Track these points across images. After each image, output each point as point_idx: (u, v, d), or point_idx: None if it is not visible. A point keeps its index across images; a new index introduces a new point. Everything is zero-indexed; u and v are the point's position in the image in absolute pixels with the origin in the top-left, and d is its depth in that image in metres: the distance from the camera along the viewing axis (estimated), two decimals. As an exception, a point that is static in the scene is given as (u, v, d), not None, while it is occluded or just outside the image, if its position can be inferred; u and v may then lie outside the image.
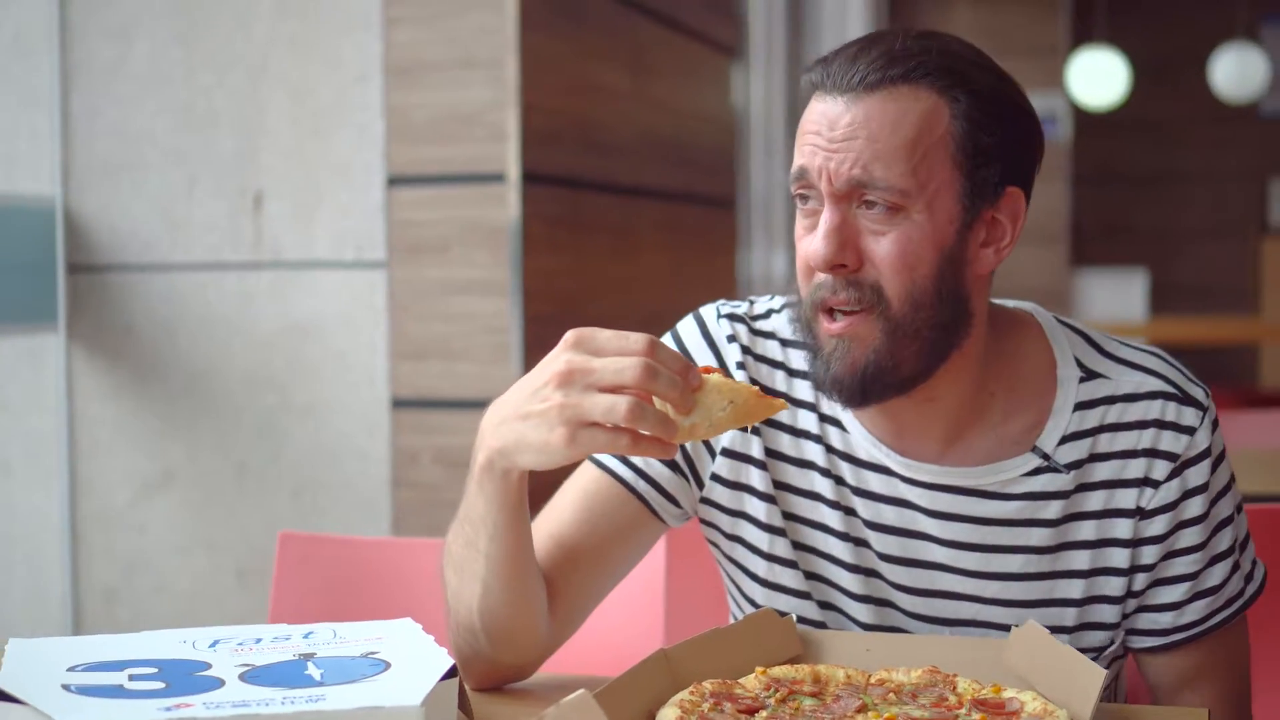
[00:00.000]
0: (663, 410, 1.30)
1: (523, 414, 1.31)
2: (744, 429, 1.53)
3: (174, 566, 3.10)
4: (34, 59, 3.13)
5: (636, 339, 1.29)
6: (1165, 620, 1.50)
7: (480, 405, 2.86)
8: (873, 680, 1.38)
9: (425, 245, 2.95)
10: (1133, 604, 1.50)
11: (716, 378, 1.33)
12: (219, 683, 1.25)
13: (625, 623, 1.90)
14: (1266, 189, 9.14)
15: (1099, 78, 7.93)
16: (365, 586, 2.03)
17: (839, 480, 1.53)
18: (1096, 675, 1.25)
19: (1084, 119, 8.94)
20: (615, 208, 3.40)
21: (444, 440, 2.94)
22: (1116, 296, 8.52)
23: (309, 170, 3.01)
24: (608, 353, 1.29)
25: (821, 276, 1.43)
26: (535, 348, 2.93)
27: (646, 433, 1.28)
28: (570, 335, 1.31)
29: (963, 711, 1.29)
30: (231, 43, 3.05)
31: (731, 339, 1.57)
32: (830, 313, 1.43)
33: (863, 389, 1.43)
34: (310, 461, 3.02)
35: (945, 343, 1.44)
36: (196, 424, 3.09)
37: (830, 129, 1.41)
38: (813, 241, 1.42)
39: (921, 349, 1.43)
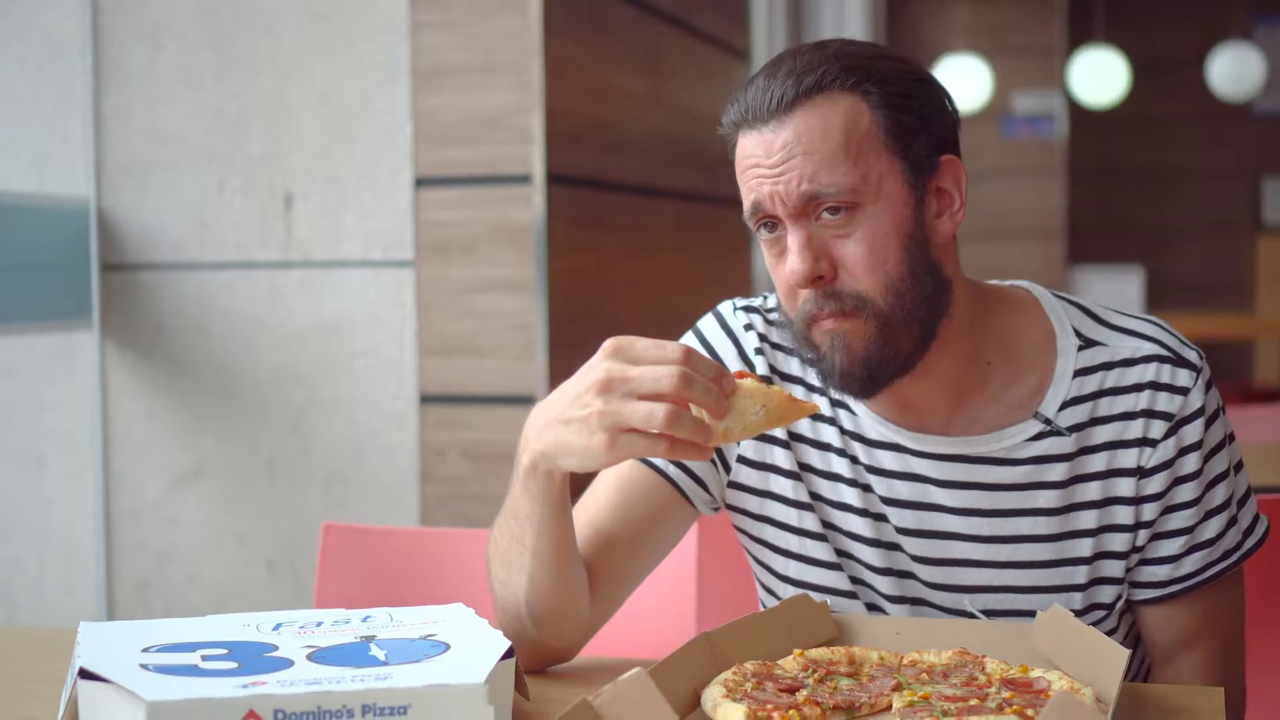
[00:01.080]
0: (698, 415, 1.35)
1: (564, 419, 1.36)
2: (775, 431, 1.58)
3: (205, 558, 3.12)
4: (67, 62, 3.15)
5: (673, 348, 1.34)
6: (1162, 573, 1.55)
7: (506, 401, 2.94)
8: (905, 661, 1.43)
9: (452, 244, 2.97)
10: (1135, 558, 1.55)
11: (750, 383, 1.38)
12: (289, 663, 1.30)
13: (659, 608, 1.96)
14: (1261, 187, 9.15)
15: (1098, 77, 7.96)
16: (406, 574, 2.08)
17: (854, 460, 1.59)
18: (1120, 656, 1.30)
19: (1080, 117, 8.94)
20: (633, 208, 3.43)
21: (470, 435, 2.97)
22: (1113, 293, 8.53)
23: (337, 171, 3.03)
24: (645, 361, 1.34)
25: (804, 293, 1.48)
26: (559, 344, 2.96)
27: (683, 437, 1.33)
28: (609, 344, 1.36)
29: (992, 690, 1.33)
30: (261, 46, 3.07)
31: (749, 328, 1.63)
32: (819, 321, 1.49)
33: (870, 378, 1.49)
34: (339, 455, 3.04)
35: (932, 315, 1.50)
36: (227, 419, 3.11)
37: (767, 156, 1.46)
38: (787, 263, 1.47)
39: (913, 329, 1.49)
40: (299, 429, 3.07)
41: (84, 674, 1.25)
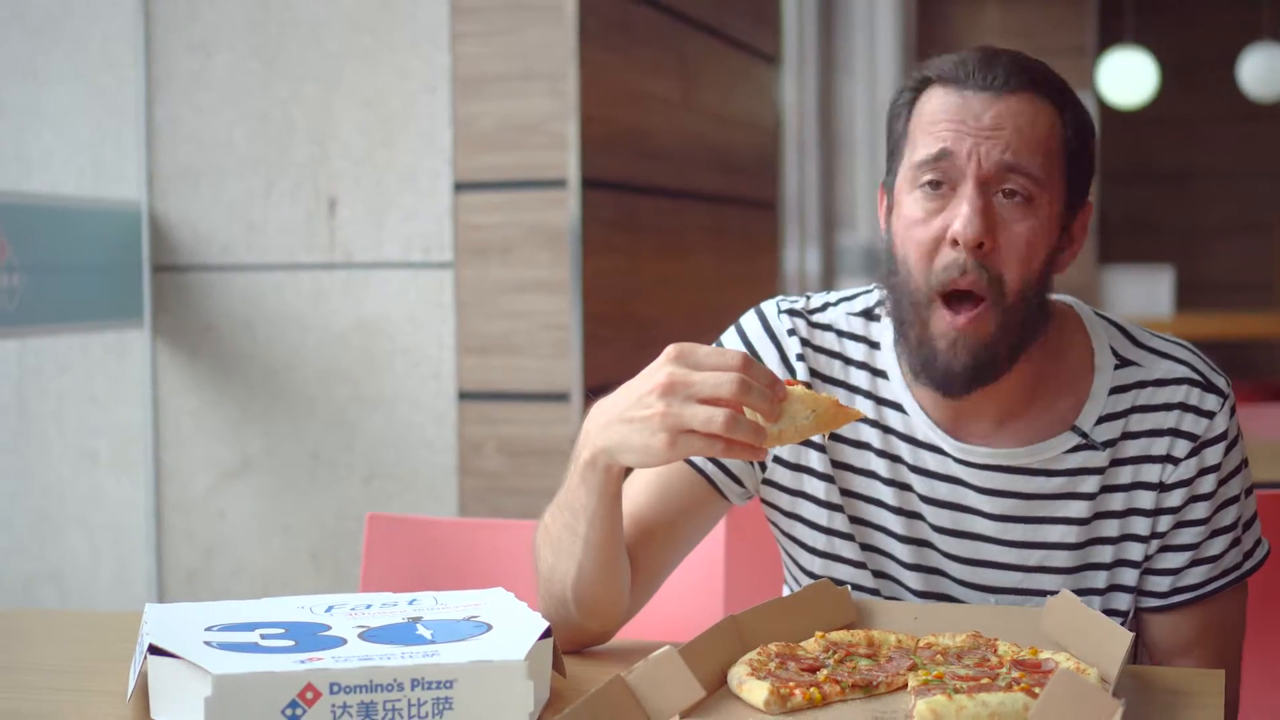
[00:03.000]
0: (753, 419, 1.41)
1: (627, 419, 1.41)
2: (824, 435, 1.63)
3: (252, 549, 3.15)
4: (120, 72, 3.18)
5: (732, 355, 1.39)
6: (1165, 583, 1.61)
7: (541, 398, 2.99)
8: (921, 644, 1.48)
9: (490, 247, 3.00)
10: (1145, 567, 1.61)
11: (800, 389, 1.43)
12: (342, 641, 1.37)
13: (689, 594, 2.00)
14: None
15: (1128, 77, 7.94)
16: (447, 562, 2.12)
17: (896, 459, 1.63)
18: (1124, 639, 1.36)
19: (1111, 118, 8.88)
20: (665, 211, 3.46)
21: (507, 430, 3.00)
22: (1143, 293, 8.52)
23: (380, 176, 3.05)
24: (706, 367, 1.39)
25: (950, 256, 1.51)
26: (592, 343, 2.98)
27: (739, 439, 1.38)
28: (672, 349, 1.41)
29: (1003, 671, 1.39)
30: (306, 56, 3.09)
31: (791, 333, 1.66)
32: (949, 304, 1.52)
33: (971, 379, 1.54)
34: (381, 450, 3.07)
35: (1031, 334, 1.55)
36: (273, 415, 3.13)
37: (976, 119, 1.50)
38: (956, 220, 1.50)
39: (1016, 340, 1.54)
40: (342, 425, 3.10)
41: (153, 650, 1.32)
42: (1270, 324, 8.02)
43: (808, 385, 1.59)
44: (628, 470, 1.66)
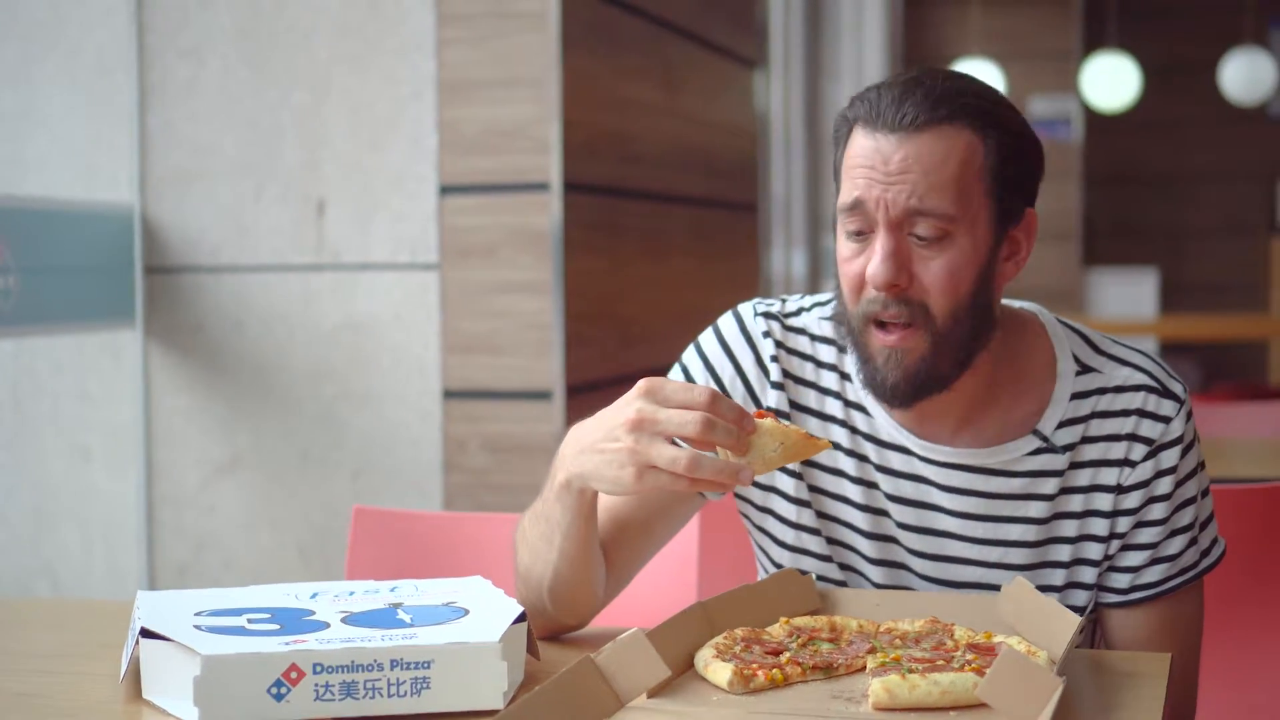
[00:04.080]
0: (722, 454, 1.46)
1: (598, 449, 1.47)
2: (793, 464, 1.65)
3: (241, 544, 3.17)
4: (114, 78, 3.20)
5: (699, 392, 1.43)
6: (1125, 581, 1.66)
7: (524, 396, 3.03)
8: (881, 629, 1.54)
9: (474, 249, 3.03)
10: (1105, 565, 1.66)
11: (769, 422, 1.48)
12: (325, 625, 1.42)
13: (663, 586, 2.04)
14: (1276, 189, 9.12)
15: (1111, 81, 7.97)
16: (431, 555, 2.15)
17: (863, 458, 1.68)
18: (1071, 622, 1.42)
19: (1096, 121, 8.92)
20: (647, 214, 3.49)
21: (491, 428, 3.03)
22: (1128, 295, 8.56)
23: (367, 179, 3.08)
24: (674, 404, 1.43)
25: (873, 294, 1.56)
26: (575, 343, 3.01)
27: (704, 478, 1.42)
28: (642, 384, 1.46)
29: (958, 654, 1.44)
30: (296, 62, 3.12)
31: (766, 335, 1.71)
32: (881, 325, 1.57)
33: (914, 393, 1.59)
34: (367, 447, 3.10)
35: (976, 346, 1.60)
36: (263, 413, 3.16)
37: (885, 164, 1.54)
38: (870, 264, 1.55)
39: (958, 353, 1.58)
40: (330, 422, 3.12)
41: (145, 633, 1.37)
42: (1253, 325, 8.06)
43: (777, 415, 1.62)
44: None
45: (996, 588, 1.64)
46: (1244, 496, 2.12)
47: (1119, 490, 1.64)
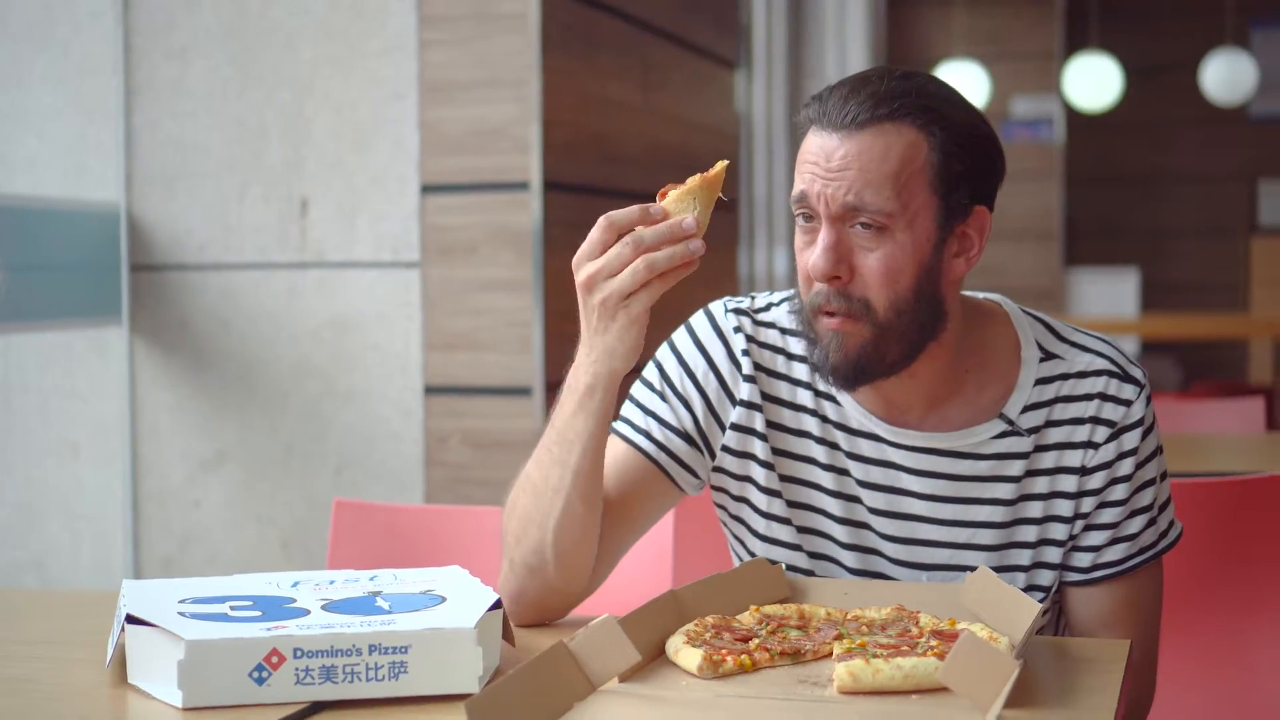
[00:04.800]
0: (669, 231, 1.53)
1: (590, 329, 1.58)
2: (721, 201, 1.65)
3: (226, 538, 3.19)
4: (101, 78, 3.23)
5: (597, 229, 1.54)
6: (1087, 560, 1.71)
7: (504, 392, 3.06)
8: (849, 616, 1.57)
9: (455, 247, 3.06)
10: (1069, 545, 1.71)
11: (673, 193, 1.55)
12: (305, 612, 1.44)
13: (639, 578, 2.05)
14: (1256, 189, 9.16)
15: (1092, 81, 7.97)
16: (411, 547, 2.17)
17: (833, 446, 1.71)
18: (1031, 609, 1.46)
19: (1077, 121, 8.92)
20: None
21: (472, 423, 3.06)
22: (1109, 294, 8.57)
23: (350, 179, 3.11)
24: (593, 255, 1.54)
25: (818, 286, 1.61)
26: (555, 340, 3.05)
27: (667, 268, 1.52)
28: (574, 267, 1.57)
29: (923, 640, 1.47)
30: (280, 63, 3.15)
31: (737, 330, 1.74)
32: (829, 313, 1.62)
33: (855, 375, 1.63)
34: (350, 443, 3.13)
35: (923, 338, 1.63)
36: (247, 409, 3.19)
37: (827, 160, 1.59)
38: (812, 256, 1.60)
39: (904, 343, 1.62)
40: (313, 418, 3.15)
41: (130, 619, 1.40)
42: (1233, 325, 8.07)
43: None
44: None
45: (966, 569, 1.68)
46: (1220, 489, 2.18)
47: (1083, 472, 1.68)
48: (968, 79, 7.78)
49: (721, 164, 1.56)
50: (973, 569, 1.63)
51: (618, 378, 1.60)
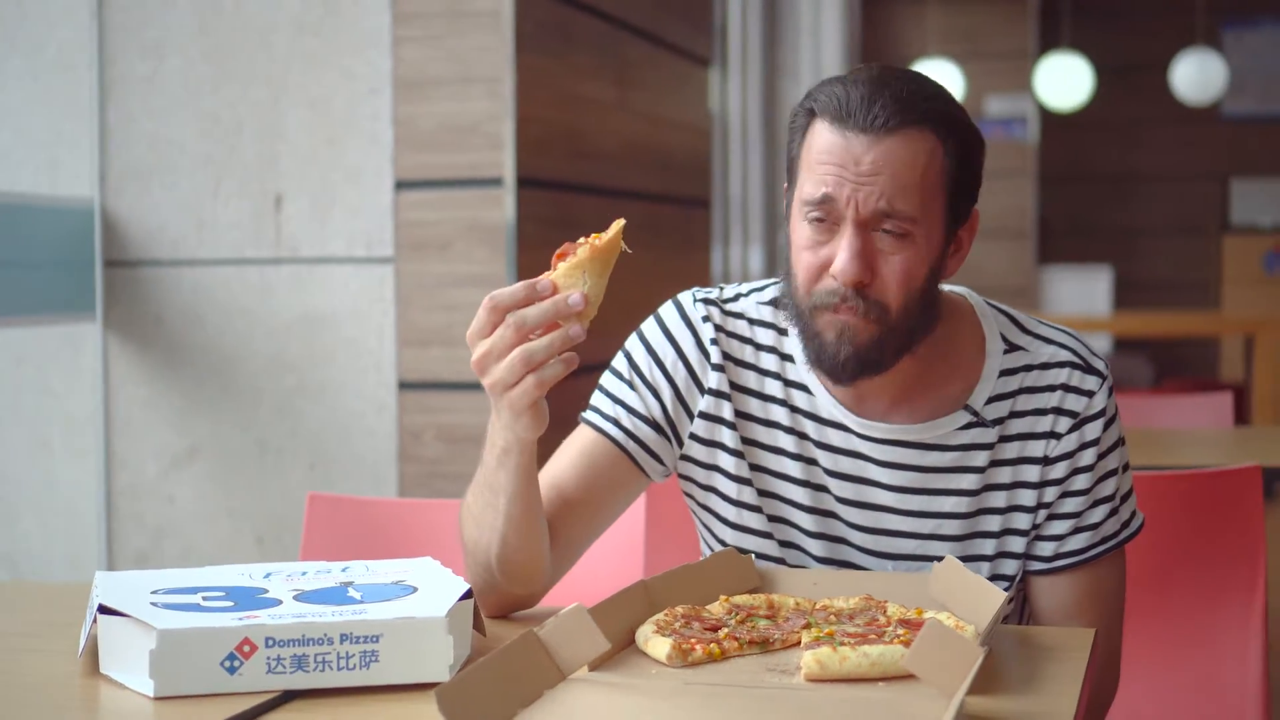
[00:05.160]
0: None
1: (493, 407, 1.58)
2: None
3: (199, 533, 3.20)
4: (75, 74, 3.23)
5: (482, 308, 1.49)
6: (1049, 549, 1.73)
7: (478, 388, 2.98)
8: (817, 606, 1.59)
9: (429, 243, 3.07)
10: (1033, 535, 1.73)
11: (562, 265, 1.52)
12: (278, 602, 1.45)
13: (610, 567, 2.07)
14: (1228, 188, 9.22)
15: (1064, 81, 8.02)
16: (385, 540, 2.18)
17: (802, 436, 1.73)
18: (997, 598, 1.48)
19: (1051, 120, 8.97)
20: (601, 209, 3.52)
21: (445, 419, 3.07)
22: (1082, 292, 8.61)
23: (324, 174, 3.12)
24: (482, 334, 1.50)
25: (832, 285, 1.60)
26: None
27: (545, 359, 1.49)
28: (469, 345, 1.54)
29: (890, 629, 1.49)
30: (255, 59, 3.15)
31: (706, 319, 1.75)
32: (836, 310, 1.62)
33: (860, 369, 1.64)
34: (324, 438, 3.13)
35: (920, 335, 1.66)
36: (221, 404, 3.19)
37: (856, 164, 1.58)
38: (839, 260, 1.59)
39: (903, 341, 1.64)
40: (287, 413, 3.15)
41: (103, 609, 1.40)
42: (1205, 323, 8.12)
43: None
44: (557, 442, 1.77)
45: (932, 558, 1.69)
46: (1187, 481, 2.21)
47: (1045, 462, 1.70)
48: (941, 78, 7.69)
49: (618, 224, 1.53)
50: (939, 559, 1.65)
51: (530, 445, 1.59)
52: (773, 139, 6.42)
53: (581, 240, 1.54)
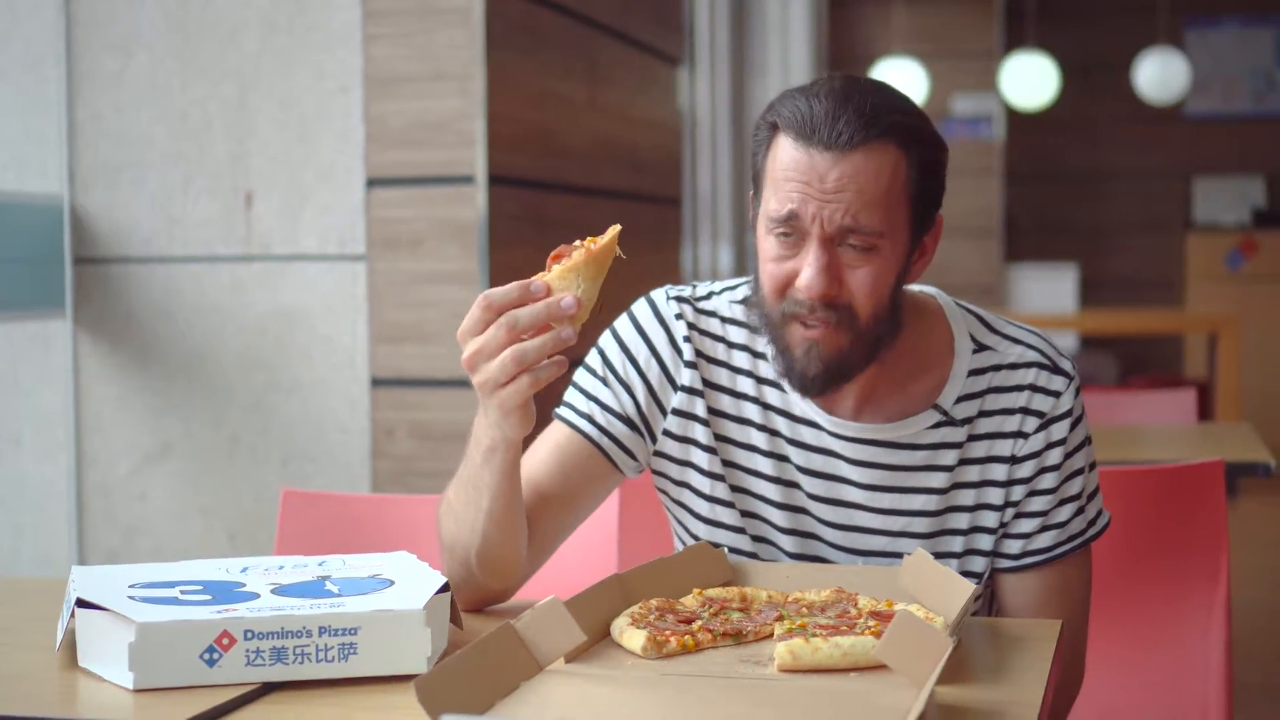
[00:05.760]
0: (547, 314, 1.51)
1: (481, 405, 1.58)
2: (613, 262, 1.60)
3: (171, 531, 3.19)
4: (42, 70, 3.22)
5: (475, 306, 1.50)
6: (1017, 547, 1.76)
7: (451, 384, 3.08)
8: (790, 599, 1.61)
9: (401, 240, 3.08)
10: (1000, 533, 1.76)
11: (556, 269, 1.52)
12: (255, 595, 1.47)
13: (585, 564, 2.10)
14: (1191, 187, 9.25)
15: (1029, 80, 8.03)
16: (359, 536, 2.19)
17: (774, 433, 1.75)
18: (966, 589, 1.50)
19: (1016, 119, 9.00)
20: (572, 206, 3.53)
21: (418, 415, 3.07)
22: (1048, 290, 8.62)
23: (295, 172, 3.12)
24: (473, 332, 1.51)
25: (800, 296, 1.62)
26: None
27: (536, 361, 1.50)
28: (460, 342, 1.54)
29: (861, 621, 1.51)
30: (224, 56, 3.15)
31: (679, 317, 1.78)
32: (804, 323, 1.64)
33: (827, 382, 1.67)
34: (297, 435, 3.13)
35: (886, 340, 1.69)
36: (192, 401, 3.19)
37: (821, 180, 1.60)
38: (803, 275, 1.61)
39: (871, 348, 1.67)
40: (259, 410, 3.16)
41: (81, 603, 1.41)
42: (1169, 320, 8.15)
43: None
44: (531, 437, 1.76)
45: (902, 555, 1.71)
46: (1151, 476, 2.25)
47: (1013, 461, 1.73)
48: (908, 77, 7.82)
49: (614, 230, 1.55)
50: (906, 555, 1.66)
51: (516, 444, 1.61)
52: (741, 137, 6.44)
53: (577, 243, 1.55)
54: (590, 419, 1.77)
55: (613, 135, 3.87)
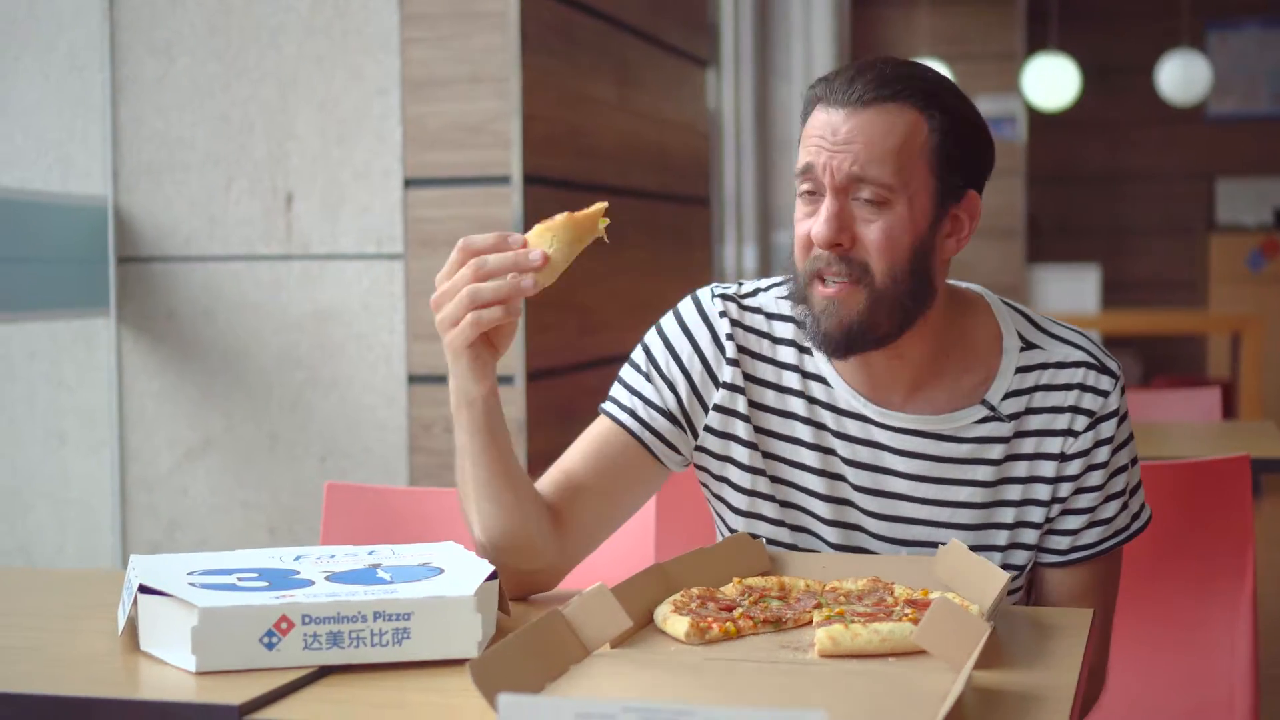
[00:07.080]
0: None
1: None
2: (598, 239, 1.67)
3: (212, 524, 3.22)
4: (87, 74, 3.25)
5: (457, 248, 1.58)
6: (1065, 543, 1.79)
7: None
8: (827, 588, 1.64)
9: (438, 239, 3.10)
10: (1046, 528, 1.79)
11: (537, 227, 1.58)
12: (310, 582, 1.50)
13: (623, 557, 2.10)
14: (1214, 188, 9.28)
15: (1051, 81, 8.05)
16: (402, 528, 2.22)
17: (820, 426, 1.78)
18: (1000, 579, 1.54)
19: (1039, 121, 9.01)
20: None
21: None
22: (1070, 291, 8.63)
23: (334, 173, 3.14)
24: (448, 275, 1.59)
25: (819, 251, 1.67)
26: (535, 330, 3.07)
27: (491, 300, 1.55)
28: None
29: (897, 608, 1.54)
30: (264, 59, 3.18)
31: (723, 314, 1.80)
32: (823, 280, 1.68)
33: (847, 343, 1.69)
34: (335, 431, 3.16)
35: (914, 310, 1.70)
36: (233, 397, 3.22)
37: (833, 134, 1.66)
38: (816, 224, 1.67)
39: (895, 313, 1.68)
40: (299, 406, 3.18)
41: (143, 589, 1.45)
42: (1191, 321, 8.17)
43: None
44: (573, 436, 1.82)
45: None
46: (1175, 472, 2.28)
47: (1062, 458, 1.76)
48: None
49: (599, 205, 1.59)
50: None
51: (478, 400, 1.65)
52: (766, 139, 6.46)
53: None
54: (633, 413, 1.80)
55: (642, 136, 3.89)
